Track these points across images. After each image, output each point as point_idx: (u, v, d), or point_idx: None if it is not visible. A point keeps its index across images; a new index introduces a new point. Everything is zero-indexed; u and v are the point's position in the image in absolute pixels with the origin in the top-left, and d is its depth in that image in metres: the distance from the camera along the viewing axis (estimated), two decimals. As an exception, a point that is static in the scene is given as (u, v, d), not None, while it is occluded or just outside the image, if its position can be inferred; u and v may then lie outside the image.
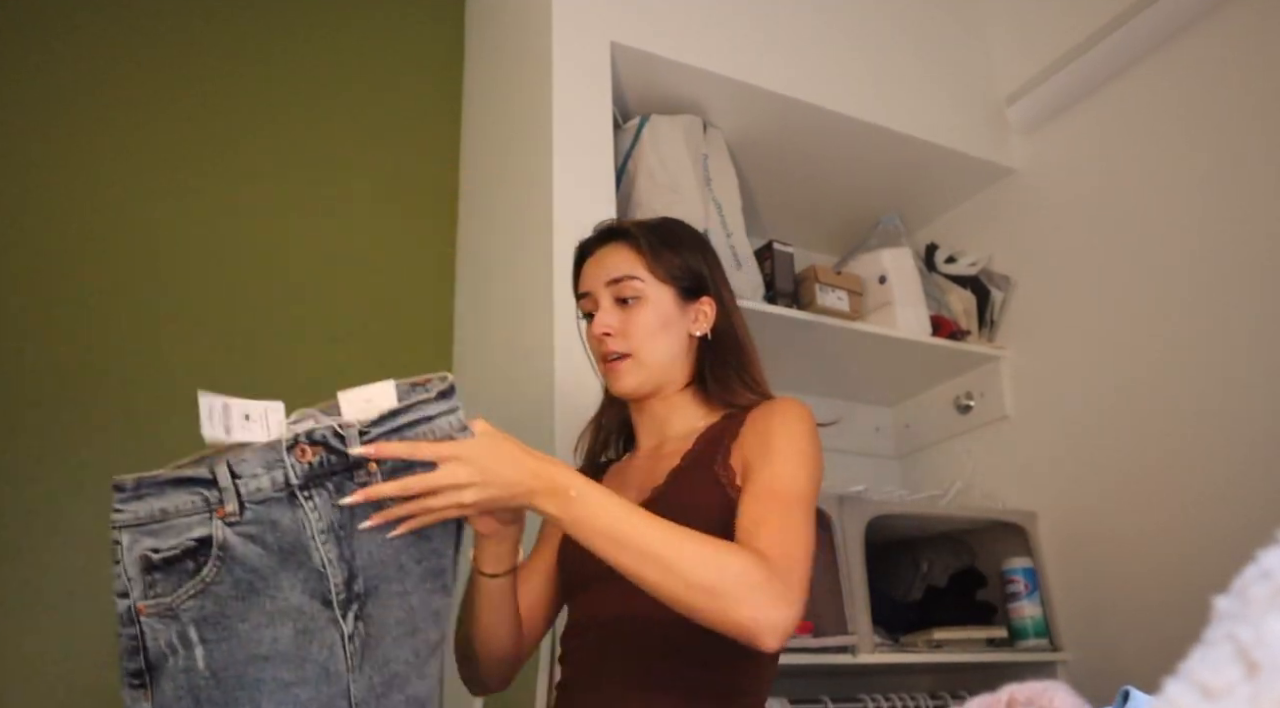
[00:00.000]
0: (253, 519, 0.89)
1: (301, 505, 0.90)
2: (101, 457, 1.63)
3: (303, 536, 0.90)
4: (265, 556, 0.89)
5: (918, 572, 2.03)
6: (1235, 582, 0.33)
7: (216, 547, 0.88)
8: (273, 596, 0.88)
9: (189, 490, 0.89)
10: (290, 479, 0.90)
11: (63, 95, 1.79)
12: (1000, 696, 0.48)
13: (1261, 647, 0.29)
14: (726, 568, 0.94)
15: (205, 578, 0.87)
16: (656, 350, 1.22)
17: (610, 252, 1.26)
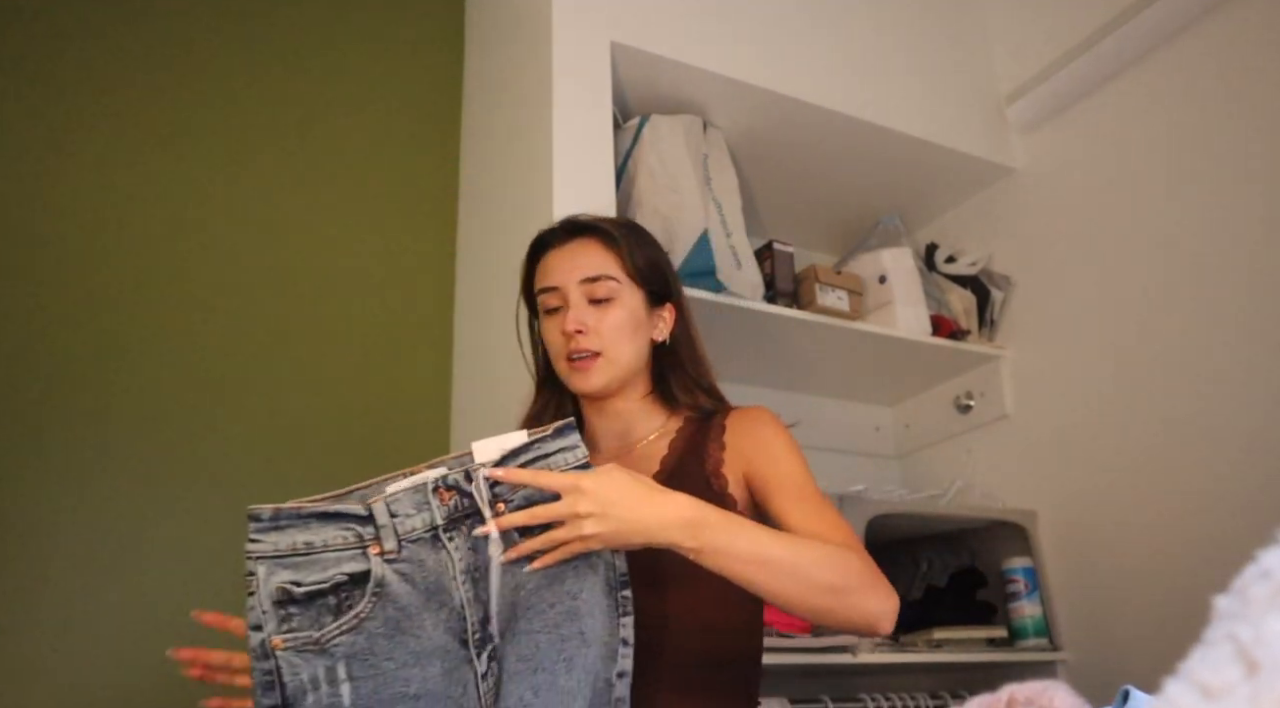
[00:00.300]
0: (408, 557, 0.91)
1: (444, 546, 0.92)
2: (102, 457, 1.63)
3: (445, 576, 0.92)
4: (414, 594, 0.91)
5: (918, 571, 2.03)
6: (1235, 581, 0.33)
7: (374, 583, 0.89)
8: (417, 635, 0.90)
9: (339, 525, 0.91)
10: (435, 520, 0.93)
11: (60, 96, 1.79)
12: (1000, 695, 0.48)
13: (1261, 646, 0.29)
14: (849, 567, 1.02)
15: (360, 614, 0.88)
16: (625, 352, 1.22)
17: (582, 248, 1.24)
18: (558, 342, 1.22)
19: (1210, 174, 1.74)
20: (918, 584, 2.01)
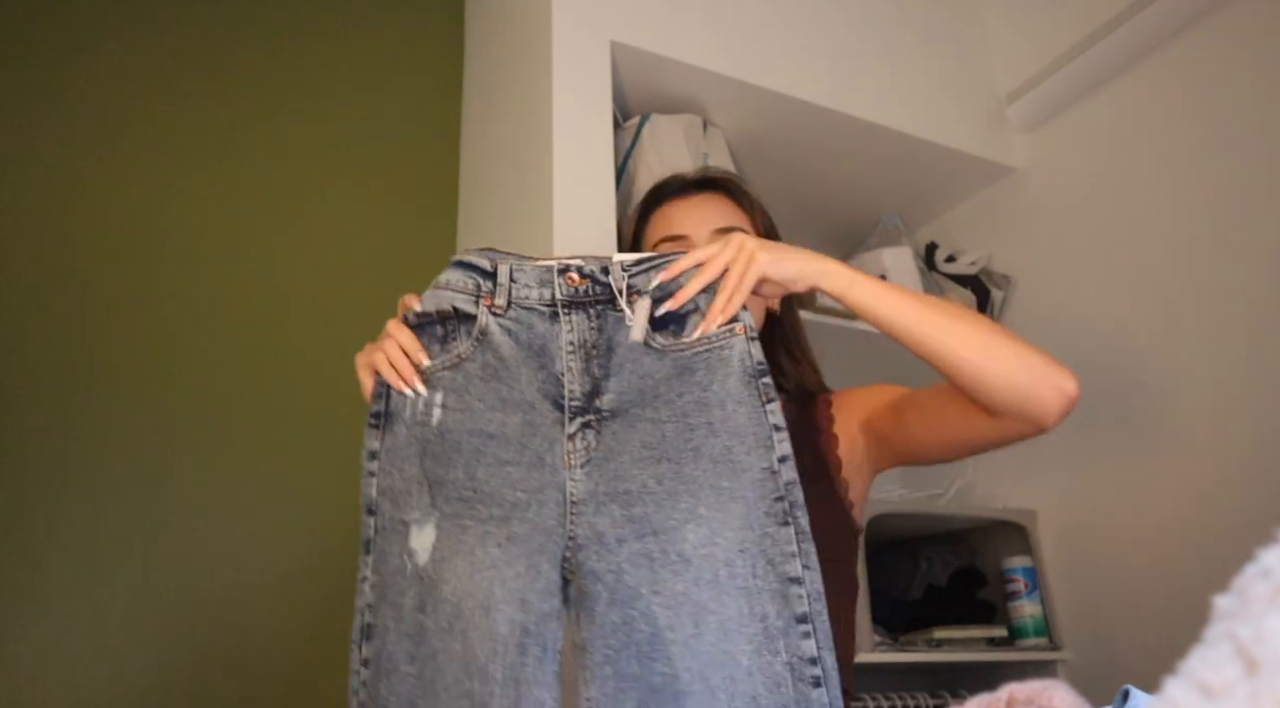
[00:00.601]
0: (515, 318, 0.98)
1: (559, 321, 0.98)
2: (102, 457, 1.63)
3: (551, 344, 0.98)
4: (515, 349, 0.98)
5: (917, 571, 2.03)
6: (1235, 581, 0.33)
7: (479, 330, 0.98)
8: (510, 385, 0.97)
9: (465, 272, 1.00)
10: (556, 297, 0.99)
11: (59, 95, 1.79)
12: (1000, 695, 0.48)
13: (1261, 645, 0.29)
14: (1020, 340, 0.99)
15: (462, 354, 0.98)
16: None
17: (713, 201, 1.20)
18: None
19: (1211, 173, 1.74)
20: (918, 584, 2.01)
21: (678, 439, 0.94)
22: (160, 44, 1.90)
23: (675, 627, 0.89)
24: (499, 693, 0.87)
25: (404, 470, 0.96)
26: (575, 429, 0.96)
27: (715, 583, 0.89)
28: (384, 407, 0.98)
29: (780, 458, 0.93)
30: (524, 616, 0.90)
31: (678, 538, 0.91)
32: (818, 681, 0.87)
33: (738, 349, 0.97)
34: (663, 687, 0.88)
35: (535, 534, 0.93)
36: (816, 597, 0.90)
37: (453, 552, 0.92)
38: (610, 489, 0.94)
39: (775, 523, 0.91)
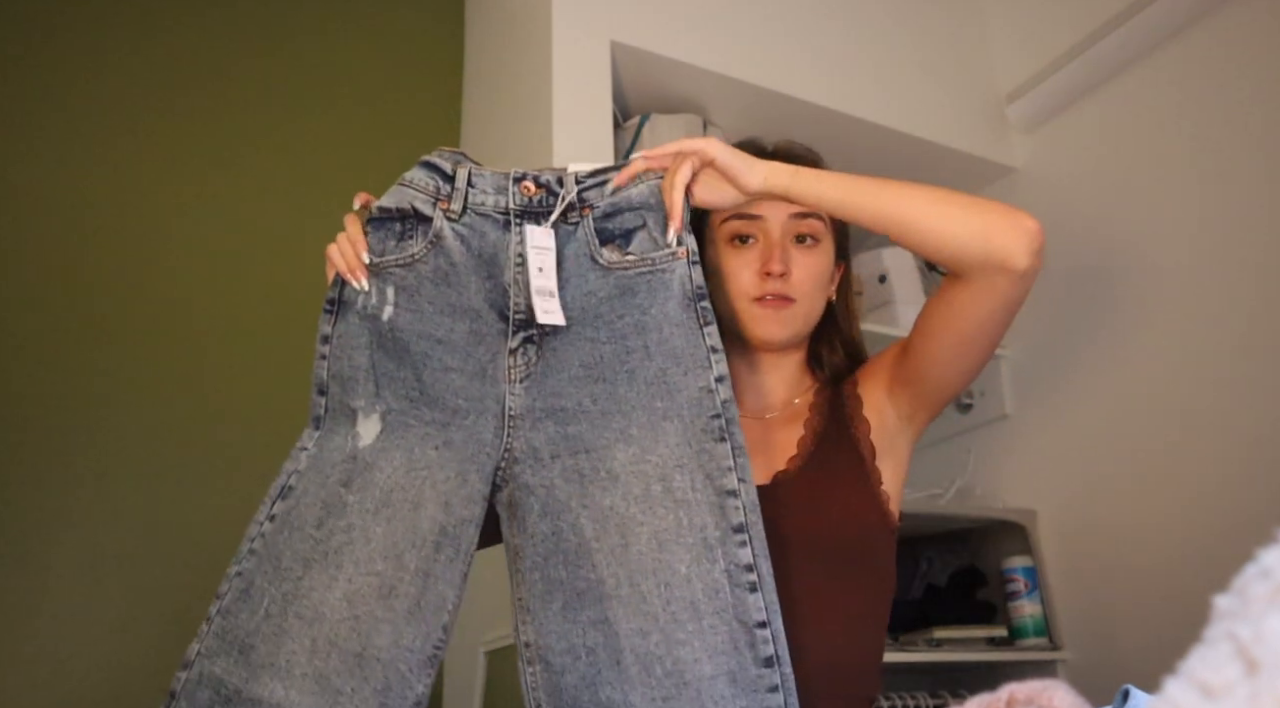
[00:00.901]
0: (468, 224, 0.99)
1: (509, 230, 0.99)
2: (102, 457, 1.63)
3: (501, 254, 0.99)
4: (466, 256, 0.99)
5: (918, 570, 2.03)
6: (1235, 580, 0.33)
7: (433, 234, 0.99)
8: (459, 291, 0.99)
9: (429, 173, 1.01)
10: (509, 205, 1.00)
11: (60, 96, 1.79)
12: (1000, 694, 0.48)
13: (1261, 645, 0.29)
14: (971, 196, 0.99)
15: (415, 255, 0.99)
16: (816, 305, 1.14)
17: None
18: (746, 278, 1.11)
19: (1210, 173, 1.74)
20: (918, 584, 2.01)
21: (614, 361, 0.97)
22: (160, 45, 1.90)
23: (601, 537, 0.93)
24: (408, 580, 0.91)
25: (353, 359, 0.98)
26: (517, 344, 0.99)
27: (646, 498, 0.94)
28: (338, 294, 1.00)
29: (717, 378, 0.96)
30: (445, 517, 0.94)
31: (608, 457, 0.95)
32: (754, 586, 0.91)
33: (679, 273, 0.98)
34: (587, 590, 0.92)
35: (470, 444, 0.96)
36: (752, 507, 0.94)
37: (394, 446, 0.95)
38: (547, 406, 0.97)
39: (712, 439, 0.94)
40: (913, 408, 1.11)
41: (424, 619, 0.91)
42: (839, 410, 1.12)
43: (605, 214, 1.00)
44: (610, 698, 0.90)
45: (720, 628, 0.90)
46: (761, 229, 1.12)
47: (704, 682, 0.89)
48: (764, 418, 1.16)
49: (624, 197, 1.00)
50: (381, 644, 0.89)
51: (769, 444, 1.12)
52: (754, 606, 0.90)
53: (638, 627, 0.91)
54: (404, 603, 0.91)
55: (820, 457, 1.09)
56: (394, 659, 0.89)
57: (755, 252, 1.12)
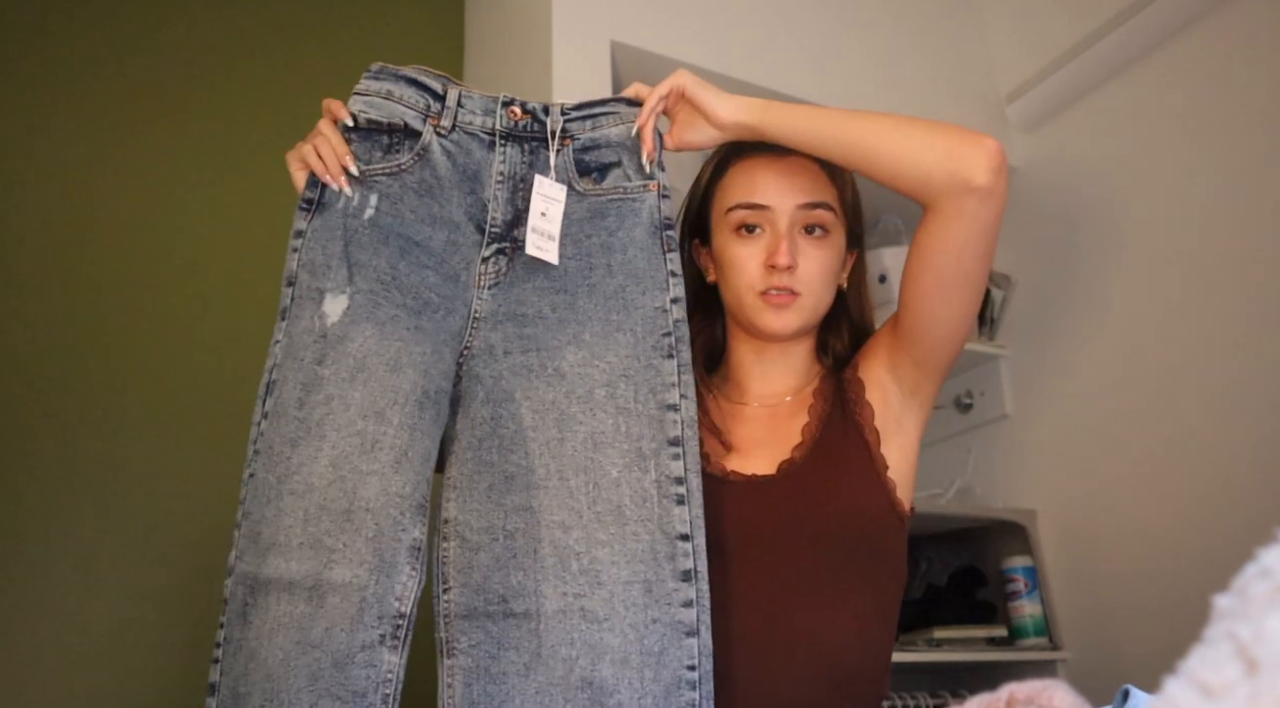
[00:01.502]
0: (456, 141, 1.03)
1: (494, 150, 1.03)
2: (101, 457, 1.63)
3: (484, 171, 1.03)
4: (451, 170, 1.02)
5: (918, 570, 2.03)
6: (1235, 580, 0.33)
7: (420, 146, 1.02)
8: (441, 203, 1.02)
9: (418, 90, 1.04)
10: (495, 127, 1.04)
11: (60, 95, 1.78)
12: (1000, 694, 0.48)
13: (1261, 645, 0.29)
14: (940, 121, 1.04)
15: (402, 165, 1.02)
16: (825, 299, 1.12)
17: (801, 167, 1.11)
18: (751, 270, 1.09)
19: (1210, 173, 1.74)
20: (918, 584, 2.01)
21: (577, 275, 1.02)
22: (160, 46, 1.90)
23: (539, 428, 0.96)
24: (393, 433, 0.92)
25: (327, 248, 0.99)
26: (490, 253, 1.02)
27: (589, 399, 0.96)
28: (317, 195, 1.01)
29: (673, 299, 1.01)
30: (425, 382, 0.95)
31: (557, 356, 0.98)
32: (681, 499, 0.93)
33: (648, 203, 1.03)
34: (516, 476, 0.95)
35: (441, 333, 0.99)
36: (689, 423, 0.96)
37: (363, 319, 0.96)
38: (510, 311, 1.01)
39: (660, 356, 0.98)
40: (916, 377, 1.09)
41: (412, 468, 0.92)
42: (843, 397, 1.11)
43: (584, 147, 1.05)
44: (521, 583, 0.91)
45: (643, 536, 0.91)
46: (768, 219, 1.10)
47: (618, 585, 0.90)
48: (769, 406, 1.14)
49: (603, 134, 1.05)
50: (369, 496, 0.89)
51: (774, 433, 1.11)
52: (679, 517, 0.92)
53: (560, 520, 0.92)
54: (390, 454, 0.91)
55: (825, 446, 1.07)
56: (384, 506, 0.89)
57: (761, 243, 1.10)
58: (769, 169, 1.11)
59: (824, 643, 0.99)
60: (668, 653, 0.89)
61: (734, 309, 1.14)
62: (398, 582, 0.89)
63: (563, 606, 0.90)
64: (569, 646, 0.89)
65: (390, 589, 0.88)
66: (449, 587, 0.94)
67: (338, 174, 1.00)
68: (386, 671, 0.86)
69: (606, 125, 1.06)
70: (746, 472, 1.07)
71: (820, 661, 0.99)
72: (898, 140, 1.00)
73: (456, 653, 0.92)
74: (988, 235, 1.02)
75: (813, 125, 1.03)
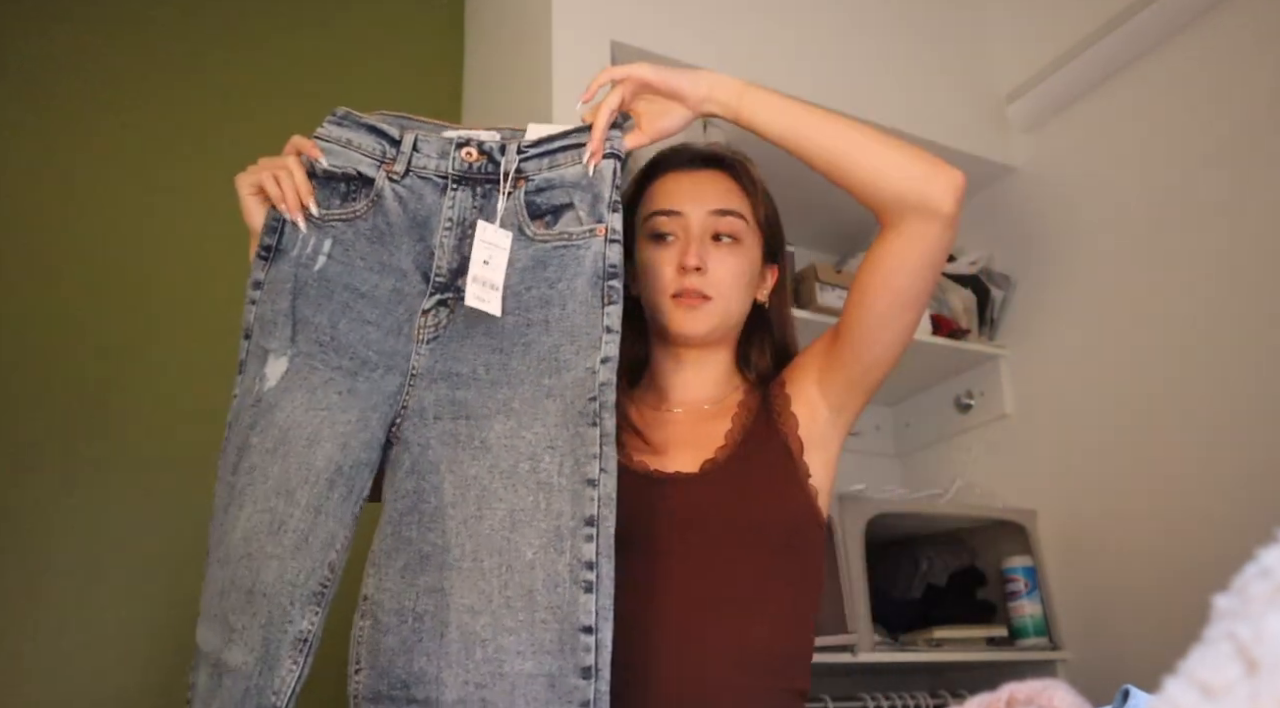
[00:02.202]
0: (409, 186, 1.02)
1: (445, 195, 1.02)
2: (101, 457, 1.63)
3: (435, 217, 1.01)
4: (402, 216, 1.01)
5: (918, 570, 2.03)
6: (1235, 580, 0.33)
7: (374, 192, 1.01)
8: (391, 250, 1.01)
9: (375, 137, 1.03)
10: (449, 171, 1.02)
11: (59, 94, 1.78)
12: (1000, 694, 0.48)
13: (1261, 645, 0.29)
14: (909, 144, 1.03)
15: (357, 212, 1.01)
16: (736, 303, 1.14)
17: (715, 179, 1.16)
18: (666, 274, 1.12)
19: (1210, 172, 1.74)
20: (918, 584, 2.01)
21: (514, 333, 0.98)
22: (158, 41, 1.89)
23: (458, 505, 0.93)
24: (298, 515, 0.91)
25: (276, 303, 0.99)
26: (431, 305, 1.00)
27: (512, 474, 0.93)
28: (275, 241, 1.00)
29: (603, 359, 0.95)
30: (342, 457, 0.94)
31: (485, 426, 0.95)
32: (590, 586, 0.88)
33: (594, 249, 0.99)
34: (431, 555, 0.92)
35: (374, 395, 0.97)
36: (606, 501, 0.91)
37: (296, 386, 0.96)
38: (445, 369, 0.99)
39: (585, 423, 0.93)
40: (844, 397, 1.11)
41: (310, 554, 0.90)
42: (767, 409, 1.13)
43: (539, 188, 1.01)
44: (423, 669, 0.89)
45: (552, 624, 0.88)
46: (681, 225, 1.14)
47: (521, 678, 0.86)
48: (691, 412, 1.16)
49: (559, 174, 1.01)
50: (268, 580, 0.89)
51: (697, 436, 1.13)
52: (584, 608, 0.88)
53: (470, 603, 0.89)
54: (292, 538, 0.90)
55: (747, 448, 1.10)
56: (277, 594, 0.89)
57: (675, 248, 1.13)
58: (683, 180, 1.16)
59: (742, 634, 1.01)
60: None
61: (652, 316, 1.17)
62: (277, 676, 0.87)
63: (462, 696, 0.87)
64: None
65: (270, 682, 0.87)
66: (360, 668, 0.92)
67: (296, 209, 0.99)
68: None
69: (564, 164, 1.02)
70: (669, 470, 1.09)
71: (737, 650, 1.00)
72: (877, 153, 1.01)
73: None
74: (941, 262, 1.06)
75: (792, 120, 1.03)
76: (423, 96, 2.14)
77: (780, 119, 1.03)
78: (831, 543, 1.70)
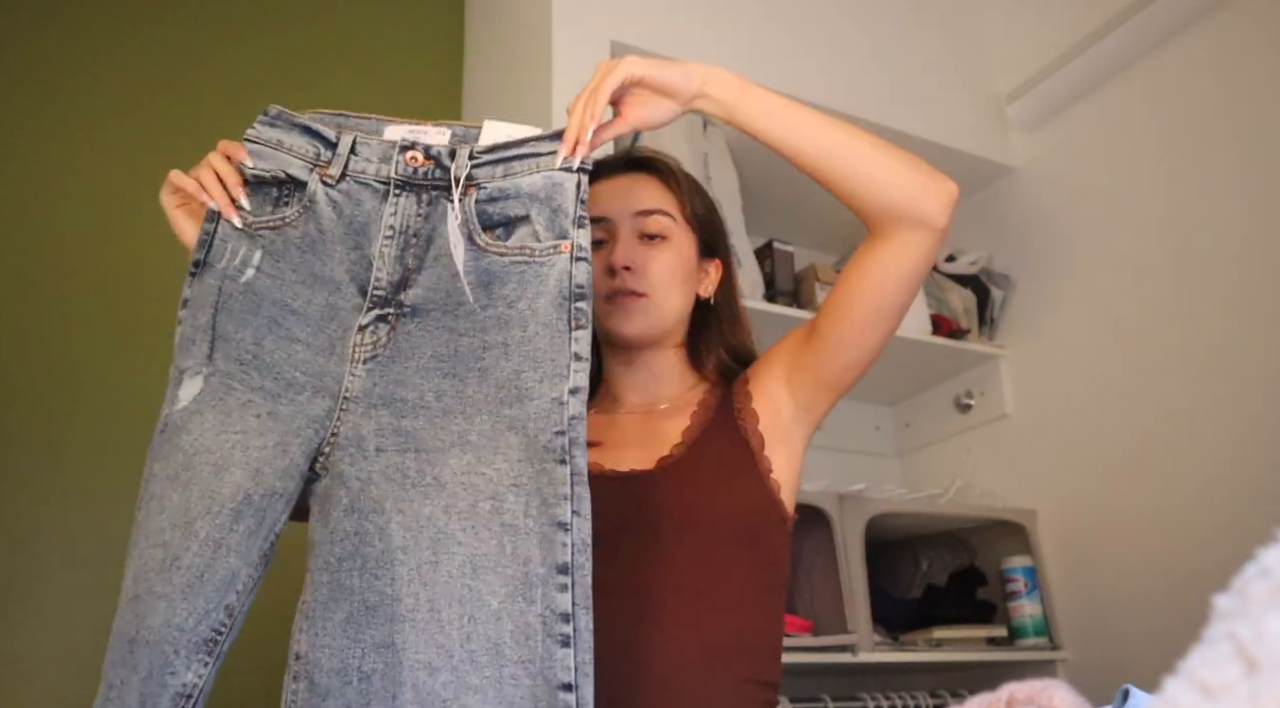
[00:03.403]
0: (345, 191, 0.93)
1: (386, 201, 0.93)
2: (102, 457, 1.63)
3: (373, 224, 0.92)
4: (336, 224, 0.92)
5: (917, 570, 2.03)
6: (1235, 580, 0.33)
7: (307, 197, 0.93)
8: (324, 260, 0.92)
9: (309, 138, 0.94)
10: (391, 176, 0.93)
11: (56, 92, 1.78)
12: (1000, 694, 0.48)
13: (1261, 645, 0.29)
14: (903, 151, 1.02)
15: (286, 219, 0.93)
16: (672, 299, 1.14)
17: (638, 182, 1.17)
18: (600, 279, 1.11)
19: (1210, 173, 1.74)
20: (918, 584, 2.01)
21: (468, 356, 0.88)
22: (156, 35, 1.89)
23: (410, 550, 0.82)
24: (196, 550, 0.81)
25: (197, 318, 0.91)
26: (369, 321, 0.90)
27: (472, 515, 0.83)
28: (204, 255, 0.93)
29: (571, 390, 0.85)
30: (253, 486, 0.84)
31: (439, 461, 0.85)
32: (566, 640, 0.79)
33: (558, 268, 0.89)
34: (379, 606, 0.81)
35: (298, 418, 0.87)
36: (581, 548, 0.81)
37: (209, 407, 0.87)
38: (387, 393, 0.88)
39: (553, 460, 0.83)
40: (813, 396, 1.11)
41: (203, 595, 0.80)
42: (728, 406, 1.13)
43: (491, 197, 0.92)
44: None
45: (523, 681, 0.78)
46: (610, 231, 1.14)
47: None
48: (644, 412, 1.16)
49: (514, 183, 0.92)
50: (153, 624, 0.79)
51: (652, 434, 1.12)
52: (562, 664, 0.78)
53: (427, 660, 0.79)
54: (184, 576, 0.80)
55: (705, 443, 1.09)
56: (159, 641, 0.79)
57: (604, 252, 1.13)
58: (610, 186, 1.16)
59: (702, 625, 1.00)
60: None
61: (597, 324, 1.15)
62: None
63: None
64: None
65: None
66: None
67: (227, 204, 0.93)
68: None
69: (520, 172, 0.92)
70: (623, 468, 1.08)
71: (697, 643, 1.00)
72: (875, 162, 1.01)
73: None
74: (926, 273, 1.06)
75: (788, 126, 1.00)
76: (423, 96, 2.15)
77: (777, 124, 1.01)
78: (831, 543, 1.70)
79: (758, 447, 1.08)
